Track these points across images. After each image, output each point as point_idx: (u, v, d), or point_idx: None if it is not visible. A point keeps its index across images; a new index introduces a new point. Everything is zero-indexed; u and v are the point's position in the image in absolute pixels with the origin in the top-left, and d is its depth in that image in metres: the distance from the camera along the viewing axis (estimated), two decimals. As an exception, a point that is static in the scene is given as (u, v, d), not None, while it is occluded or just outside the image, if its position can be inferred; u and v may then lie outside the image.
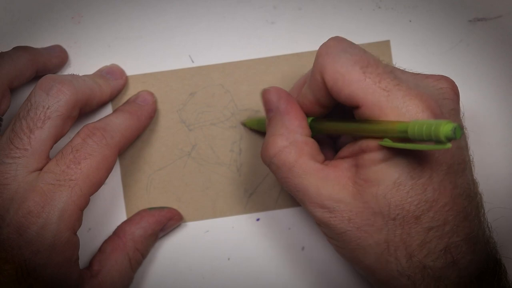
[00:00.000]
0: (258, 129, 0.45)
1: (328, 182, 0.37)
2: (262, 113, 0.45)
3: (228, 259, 0.45)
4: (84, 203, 0.38)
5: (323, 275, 0.45)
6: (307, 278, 0.45)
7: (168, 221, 0.44)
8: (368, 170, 0.36)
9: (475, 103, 0.46)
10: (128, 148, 0.45)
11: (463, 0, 0.46)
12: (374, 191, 0.35)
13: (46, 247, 0.37)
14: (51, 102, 0.38)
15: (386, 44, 0.46)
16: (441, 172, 0.35)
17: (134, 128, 0.43)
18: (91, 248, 0.44)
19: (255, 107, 0.46)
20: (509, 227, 0.45)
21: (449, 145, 0.30)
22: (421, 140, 0.32)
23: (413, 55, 0.46)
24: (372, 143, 0.36)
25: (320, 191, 0.37)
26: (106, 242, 0.44)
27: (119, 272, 0.42)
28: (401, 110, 0.35)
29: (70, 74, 0.41)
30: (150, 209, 0.45)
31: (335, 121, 0.39)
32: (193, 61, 0.46)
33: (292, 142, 0.38)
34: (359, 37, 0.46)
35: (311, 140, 0.39)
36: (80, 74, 0.43)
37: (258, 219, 0.46)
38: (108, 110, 0.45)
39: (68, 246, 0.38)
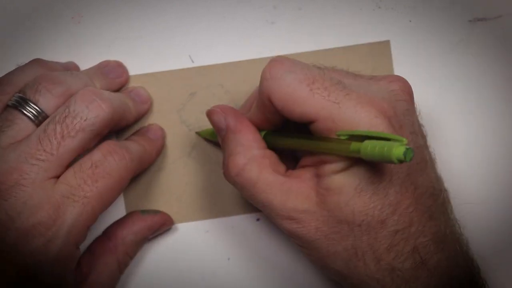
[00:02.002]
0: (212, 139, 0.45)
1: (291, 194, 0.37)
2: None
3: (228, 259, 0.45)
4: (92, 221, 0.38)
5: (323, 275, 0.45)
6: (307, 278, 0.45)
7: (160, 227, 0.44)
8: (329, 179, 0.36)
9: (474, 103, 0.46)
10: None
11: (463, 0, 0.46)
12: (336, 199, 0.36)
13: (49, 259, 0.37)
14: (89, 115, 0.38)
15: (386, 44, 0.46)
16: (401, 174, 0.36)
17: (146, 160, 0.43)
18: (90, 248, 0.44)
19: (255, 107, 0.46)
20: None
21: (397, 163, 0.31)
22: (374, 160, 0.32)
23: (413, 55, 0.46)
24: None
25: (285, 204, 0.37)
26: (95, 243, 0.43)
27: (108, 276, 0.42)
28: (354, 120, 0.35)
29: (108, 91, 0.41)
30: (143, 212, 0.44)
31: (288, 137, 0.39)
32: (193, 61, 0.46)
33: (251, 158, 0.38)
34: (359, 37, 0.46)
35: (269, 152, 0.39)
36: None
37: (258, 219, 0.46)
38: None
39: (70, 259, 0.38)
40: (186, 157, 0.46)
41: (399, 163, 0.31)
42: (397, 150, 0.31)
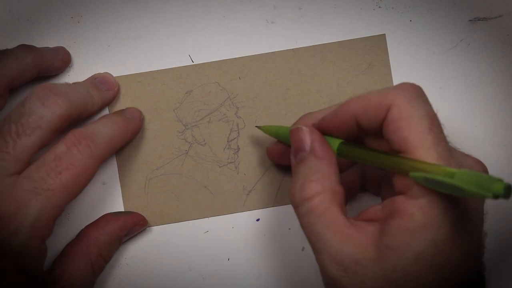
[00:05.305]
0: (276, 137, 0.43)
1: (351, 241, 0.35)
2: (260, 111, 0.45)
3: (228, 259, 0.45)
4: (58, 213, 0.38)
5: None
6: (307, 278, 0.45)
7: (133, 227, 0.44)
8: (393, 237, 0.34)
9: (475, 103, 0.46)
10: (126, 148, 0.45)
11: (463, 0, 0.46)
12: (395, 261, 0.34)
13: (13, 254, 0.36)
14: (45, 113, 0.38)
15: (381, 38, 0.46)
16: (460, 253, 0.34)
17: (119, 139, 0.42)
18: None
19: (251, 104, 0.46)
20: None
21: (492, 197, 0.29)
22: (466, 190, 0.30)
23: (413, 55, 0.46)
24: (403, 205, 0.34)
25: (342, 248, 0.35)
26: (69, 245, 0.43)
27: (81, 278, 0.41)
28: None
29: (66, 84, 0.41)
30: (116, 213, 0.44)
31: (369, 150, 0.37)
32: (193, 61, 0.46)
33: (326, 189, 0.36)
34: (359, 37, 0.46)
35: (341, 189, 0.37)
36: (77, 76, 0.44)
37: (258, 219, 0.46)
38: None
39: (35, 254, 0.38)
40: (184, 156, 0.46)
41: (494, 198, 0.29)
42: (498, 184, 0.29)
